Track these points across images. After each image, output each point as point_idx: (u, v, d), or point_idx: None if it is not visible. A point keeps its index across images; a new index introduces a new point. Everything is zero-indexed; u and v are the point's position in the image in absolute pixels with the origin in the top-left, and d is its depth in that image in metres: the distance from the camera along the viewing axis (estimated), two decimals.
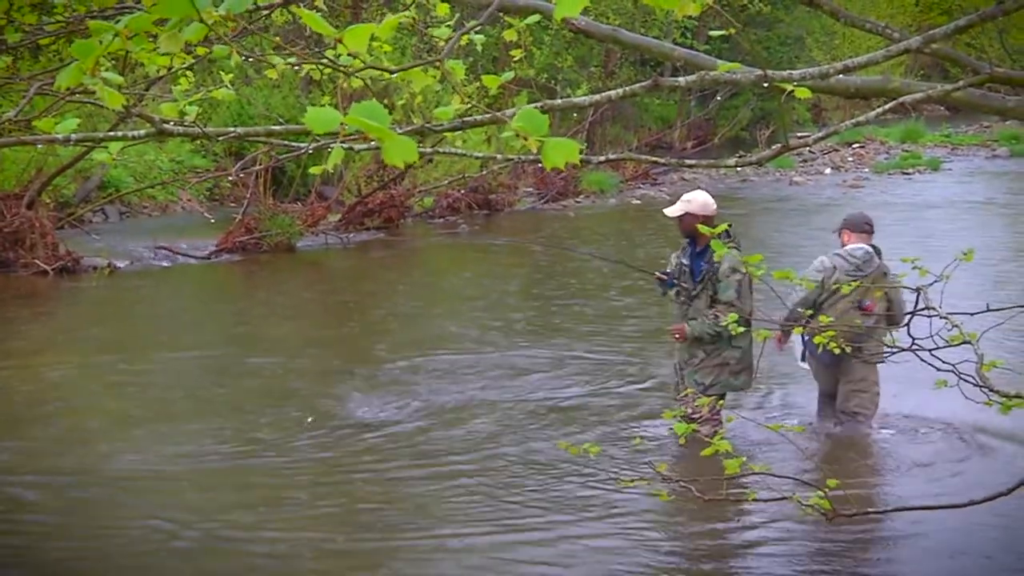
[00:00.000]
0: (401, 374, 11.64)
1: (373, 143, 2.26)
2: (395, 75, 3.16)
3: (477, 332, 13.67)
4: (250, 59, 3.59)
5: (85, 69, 2.62)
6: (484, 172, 23.36)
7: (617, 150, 30.94)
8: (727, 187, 27.93)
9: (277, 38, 12.39)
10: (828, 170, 32.66)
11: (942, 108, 46.08)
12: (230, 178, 22.64)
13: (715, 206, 9.17)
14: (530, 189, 26.37)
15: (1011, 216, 24.00)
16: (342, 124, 2.17)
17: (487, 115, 2.87)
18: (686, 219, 9.09)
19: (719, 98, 35.02)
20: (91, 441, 9.75)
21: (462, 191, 23.98)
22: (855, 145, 36.81)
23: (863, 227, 9.81)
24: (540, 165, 3.20)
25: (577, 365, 11.87)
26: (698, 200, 9.19)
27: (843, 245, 9.71)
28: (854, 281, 8.55)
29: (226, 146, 23.58)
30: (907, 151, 35.78)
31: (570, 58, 31.14)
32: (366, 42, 2.49)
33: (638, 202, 26.34)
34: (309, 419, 10.10)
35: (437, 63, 2.94)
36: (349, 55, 2.87)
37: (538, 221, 23.99)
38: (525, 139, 2.26)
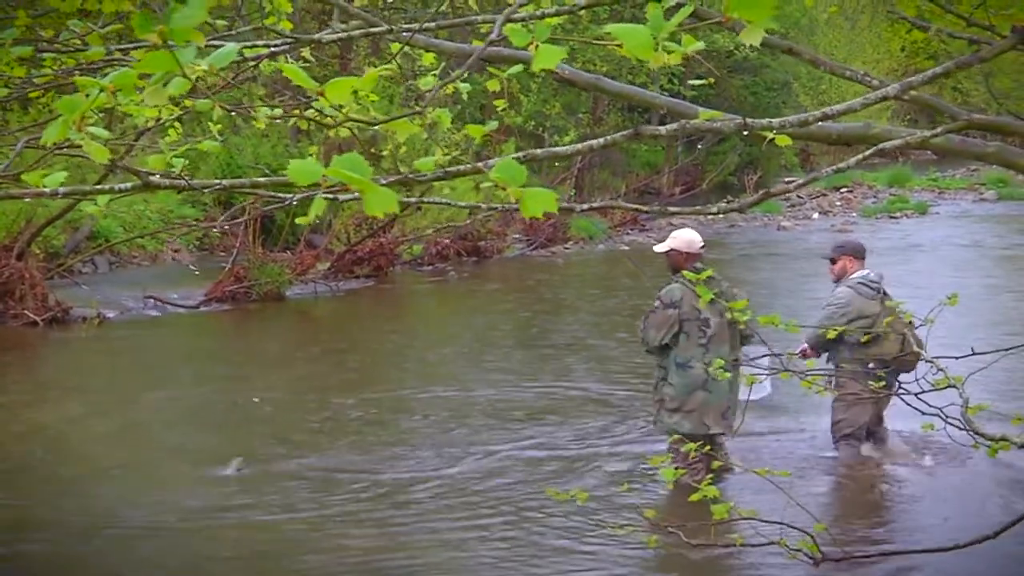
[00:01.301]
0: (391, 419, 11.66)
1: (355, 194, 2.30)
2: (379, 126, 3.19)
3: (466, 376, 13.70)
4: (233, 111, 3.63)
5: (71, 123, 2.66)
6: (470, 220, 23.44)
7: (605, 196, 31.01)
8: (715, 232, 28.02)
9: (264, 88, 12.46)
10: (816, 215, 32.79)
11: (929, 152, 46.29)
12: (215, 228, 22.66)
13: (701, 244, 9.46)
14: (519, 236, 26.42)
15: (999, 259, 24.09)
16: (324, 176, 2.21)
17: (467, 166, 2.91)
18: (671, 255, 9.51)
19: (700, 146, 35.13)
20: (85, 492, 9.74)
21: (451, 239, 24.05)
22: (843, 189, 37.00)
23: (863, 253, 10.02)
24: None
25: (567, 407, 11.88)
26: (683, 237, 9.47)
27: (844, 271, 9.85)
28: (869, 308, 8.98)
29: (214, 196, 23.63)
30: (895, 195, 35.95)
31: (558, 105, 31.28)
32: (348, 95, 2.54)
33: (626, 248, 26.39)
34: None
35: (420, 113, 2.99)
36: (333, 107, 2.91)
37: (527, 268, 24.05)
38: (504, 189, 2.30)
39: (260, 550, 8.38)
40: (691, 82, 4.99)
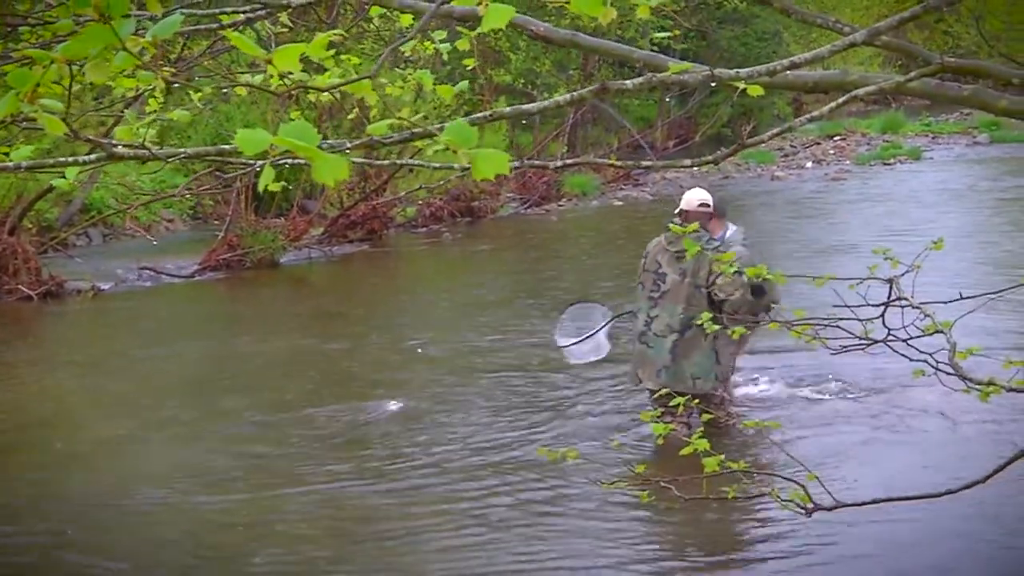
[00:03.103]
0: (385, 387, 11.67)
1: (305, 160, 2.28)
2: (339, 88, 3.17)
3: (460, 338, 13.70)
4: (177, 84, 3.61)
5: (22, 97, 2.63)
6: (460, 178, 23.38)
7: (598, 152, 30.98)
8: (709, 184, 27.75)
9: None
10: (810, 164, 32.73)
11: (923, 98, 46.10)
12: (201, 196, 22.57)
13: (698, 202, 9.39)
14: (512, 194, 26.37)
15: (992, 202, 24.08)
16: (272, 145, 2.19)
17: (420, 130, 2.89)
18: (683, 215, 9.47)
19: (693, 99, 35.02)
20: (85, 465, 9.76)
21: (444, 200, 24.02)
22: (836, 137, 36.91)
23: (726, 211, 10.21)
24: (522, 170, 3.21)
25: (558, 368, 11.89)
26: (684, 197, 9.63)
27: (711, 230, 9.84)
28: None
29: (206, 165, 23.54)
30: (888, 142, 35.86)
31: (548, 62, 31.12)
32: (295, 62, 2.51)
33: (620, 203, 26.34)
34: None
35: (372, 76, 2.96)
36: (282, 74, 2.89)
37: (521, 226, 24.03)
38: (454, 152, 2.28)
39: (262, 519, 8.40)
40: (656, 35, 4.96)
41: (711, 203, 9.47)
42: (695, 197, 9.50)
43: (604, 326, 10.10)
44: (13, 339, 15.12)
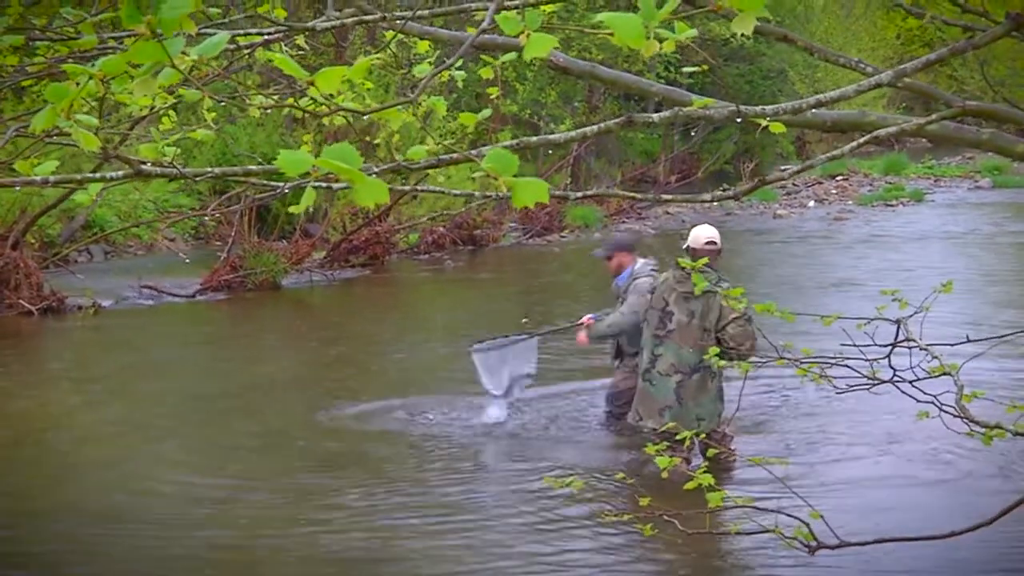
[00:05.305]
0: (384, 410, 11.65)
1: (347, 184, 2.28)
2: (372, 114, 3.18)
3: (461, 365, 13.67)
4: (224, 102, 3.62)
5: (60, 112, 2.65)
6: (466, 208, 23.45)
7: (601, 185, 30.98)
8: (711, 220, 27.92)
9: (258, 77, 12.44)
10: (812, 203, 32.76)
11: (924, 140, 46.27)
12: (207, 217, 22.60)
13: (706, 239, 9.36)
14: (515, 224, 26.40)
15: (994, 247, 24.08)
16: (314, 166, 2.20)
17: (459, 154, 2.90)
18: (691, 252, 9.48)
19: (695, 134, 35.14)
20: (81, 481, 9.75)
21: (447, 227, 24.05)
22: (838, 177, 36.95)
23: (633, 247, 10.68)
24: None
25: (562, 396, 11.87)
26: (692, 234, 9.51)
27: (620, 266, 10.16)
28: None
29: (210, 185, 23.62)
30: (890, 183, 35.90)
31: (553, 93, 31.23)
32: (338, 84, 2.52)
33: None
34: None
35: (413, 101, 2.98)
36: (324, 96, 2.90)
37: (523, 256, 24.04)
38: (495, 179, 2.29)
39: (255, 535, 8.38)
40: (685, 69, 4.98)
41: (718, 241, 9.46)
42: (703, 234, 9.47)
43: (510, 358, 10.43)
44: (13, 354, 15.11)
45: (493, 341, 10.88)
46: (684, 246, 9.55)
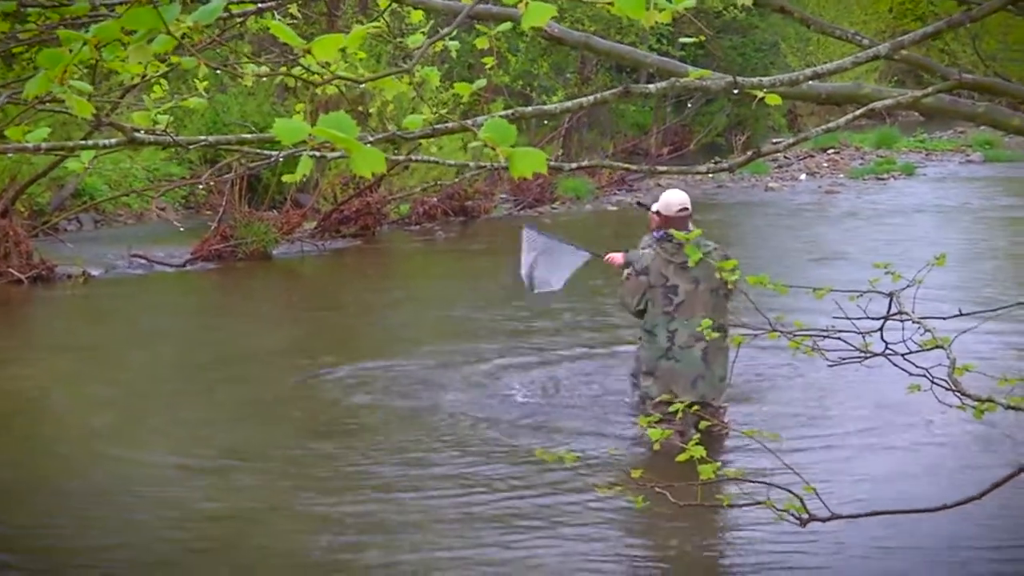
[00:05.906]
0: (375, 380, 11.64)
1: (343, 152, 2.26)
2: (366, 84, 3.16)
3: (451, 337, 13.68)
4: (219, 69, 3.59)
5: (53, 78, 2.62)
6: (458, 179, 23.39)
7: (593, 156, 30.92)
8: (703, 193, 27.94)
9: (250, 45, 12.39)
10: (803, 176, 32.73)
11: (916, 114, 46.22)
12: (200, 186, 22.54)
13: (679, 207, 9.29)
14: (506, 196, 26.36)
15: (985, 221, 24.08)
16: (310, 135, 2.18)
17: (456, 124, 2.88)
18: (651, 216, 9.54)
19: (690, 105, 35.08)
20: (71, 453, 9.73)
21: (438, 198, 24.01)
22: (830, 151, 36.91)
23: None
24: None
25: (553, 369, 11.88)
26: (662, 198, 9.50)
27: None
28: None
29: (200, 154, 23.55)
30: (882, 157, 35.86)
31: (545, 65, 31.14)
32: (335, 52, 2.50)
33: (614, 208, 26.35)
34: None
35: (407, 71, 2.96)
36: (320, 64, 2.88)
37: (514, 227, 23.96)
38: (493, 149, 2.27)
39: (249, 507, 8.38)
40: (681, 40, 4.97)
41: (690, 206, 9.40)
42: (675, 200, 9.31)
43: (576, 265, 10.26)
44: (1, 323, 15.09)
45: (551, 235, 10.80)
46: (653, 209, 9.46)
